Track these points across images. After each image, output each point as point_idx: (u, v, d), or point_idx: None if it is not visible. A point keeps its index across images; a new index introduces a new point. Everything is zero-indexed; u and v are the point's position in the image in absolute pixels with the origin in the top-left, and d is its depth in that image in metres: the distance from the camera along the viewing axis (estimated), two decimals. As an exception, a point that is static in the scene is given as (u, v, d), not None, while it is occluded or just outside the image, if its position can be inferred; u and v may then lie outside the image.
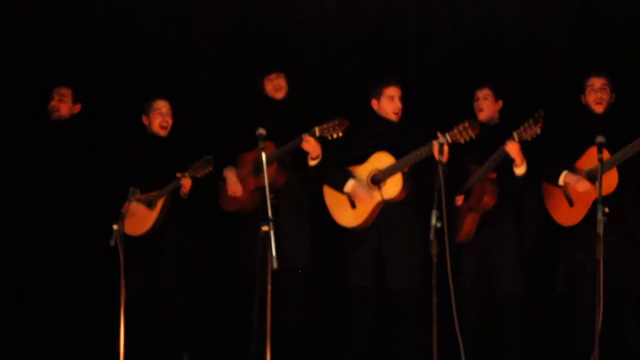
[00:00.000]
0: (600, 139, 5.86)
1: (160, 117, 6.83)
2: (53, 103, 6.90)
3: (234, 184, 6.69)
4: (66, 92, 6.93)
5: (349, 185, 6.50)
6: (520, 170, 6.28)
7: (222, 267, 7.04)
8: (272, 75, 6.79)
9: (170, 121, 6.84)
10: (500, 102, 6.63)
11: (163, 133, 6.84)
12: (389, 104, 6.57)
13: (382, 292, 6.51)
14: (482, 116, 6.57)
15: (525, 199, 6.61)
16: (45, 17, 7.32)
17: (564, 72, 6.97)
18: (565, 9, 7.05)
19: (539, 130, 6.06)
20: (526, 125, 6.08)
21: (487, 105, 6.59)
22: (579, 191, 6.22)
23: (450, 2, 7.19)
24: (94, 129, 6.97)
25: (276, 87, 6.78)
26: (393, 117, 6.58)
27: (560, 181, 6.31)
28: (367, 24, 7.27)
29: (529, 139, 6.11)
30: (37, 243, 6.80)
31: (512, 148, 6.17)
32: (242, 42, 7.35)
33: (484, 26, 7.14)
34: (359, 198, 6.47)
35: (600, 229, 5.63)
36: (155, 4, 7.40)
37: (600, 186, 5.76)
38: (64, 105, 6.92)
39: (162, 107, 6.83)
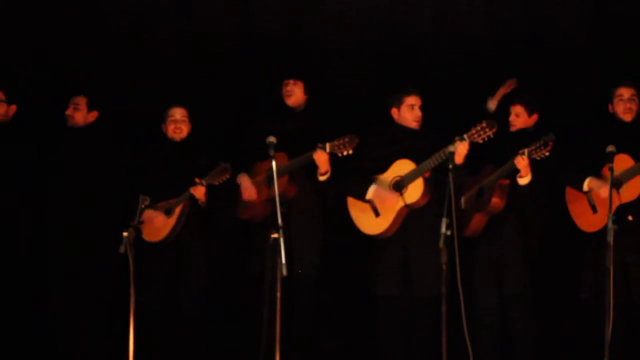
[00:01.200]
0: (610, 148, 5.90)
1: (172, 125, 6.88)
2: (68, 112, 6.98)
3: (248, 189, 6.70)
4: (80, 101, 7.00)
5: (371, 191, 6.49)
6: (523, 180, 6.29)
7: (238, 274, 7.05)
8: (290, 81, 6.81)
9: (184, 128, 6.88)
10: (535, 116, 6.64)
11: (177, 139, 6.88)
12: (409, 112, 6.59)
13: (407, 300, 6.49)
14: (513, 129, 6.61)
15: (530, 205, 6.57)
16: (62, 26, 7.42)
17: (588, 78, 6.96)
18: (584, 13, 7.05)
19: (547, 153, 6.08)
20: (537, 145, 6.10)
21: (518, 122, 6.61)
22: (601, 197, 6.18)
23: (464, 9, 7.20)
24: (110, 136, 7.03)
25: (288, 92, 6.80)
26: (414, 125, 6.60)
27: (585, 186, 6.30)
28: (382, 32, 7.30)
29: (538, 158, 6.13)
30: (52, 249, 6.86)
31: (521, 163, 6.18)
32: (262, 50, 7.38)
33: (500, 32, 7.18)
34: (383, 199, 6.44)
35: (610, 238, 5.63)
36: (174, 11, 7.47)
37: (611, 196, 5.78)
38: (78, 113, 7.00)
39: (175, 114, 6.88)
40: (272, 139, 5.98)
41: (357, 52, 7.33)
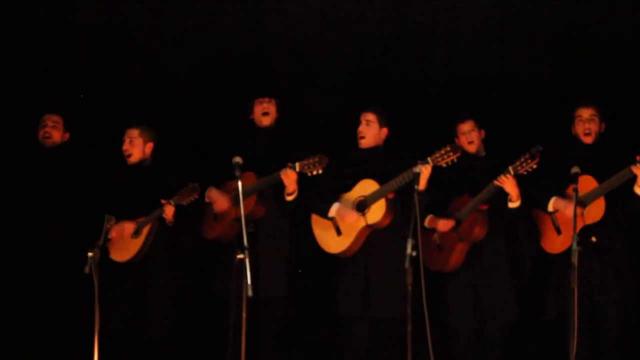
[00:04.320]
0: (575, 169, 5.90)
1: (124, 146, 6.85)
2: (47, 129, 6.94)
3: (219, 199, 6.67)
4: (58, 120, 6.98)
5: (334, 209, 6.49)
6: (514, 204, 6.28)
7: (204, 295, 7.01)
8: (265, 99, 6.80)
9: (132, 150, 6.82)
10: (482, 131, 6.64)
11: (129, 161, 6.84)
12: (361, 127, 6.60)
13: (369, 321, 6.49)
14: (473, 148, 6.58)
15: (520, 227, 6.61)
16: (27, 47, 7.43)
17: (552, 100, 6.97)
18: (549, 34, 7.08)
19: (535, 166, 6.06)
20: (522, 160, 6.08)
21: (475, 136, 6.59)
22: (568, 216, 6.15)
23: (432, 31, 7.23)
24: (81, 156, 7.01)
25: (265, 110, 6.78)
26: (359, 142, 6.59)
27: (550, 207, 6.27)
28: (351, 52, 7.34)
29: (525, 173, 6.12)
30: (23, 271, 6.84)
31: (508, 183, 6.17)
32: (230, 69, 7.40)
33: (467, 54, 7.18)
34: (345, 218, 6.45)
35: (574, 259, 5.64)
36: (140, 29, 7.47)
37: (575, 216, 5.79)
38: (56, 132, 6.99)
39: (126, 135, 6.84)
40: (238, 159, 5.98)
41: (327, 71, 7.37)
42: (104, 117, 7.34)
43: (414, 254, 5.63)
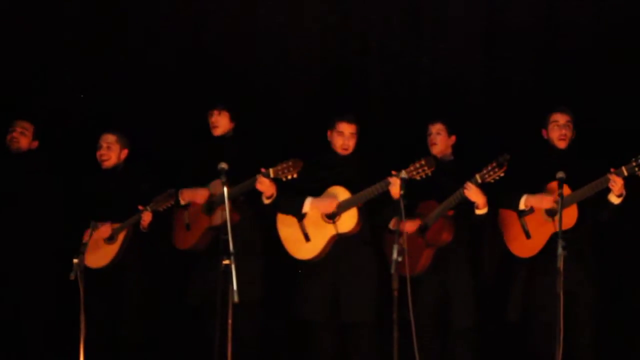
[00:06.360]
0: (560, 174, 5.93)
1: (100, 151, 6.83)
2: (15, 134, 6.91)
3: (197, 192, 6.62)
4: (28, 127, 6.96)
5: (307, 204, 6.50)
6: (481, 211, 6.30)
7: (178, 301, 6.98)
8: (214, 111, 6.80)
9: (110, 155, 6.83)
10: (453, 137, 6.67)
11: (104, 166, 6.84)
12: (338, 138, 6.60)
13: (337, 325, 6.52)
14: (436, 150, 6.60)
15: (485, 232, 6.65)
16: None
17: (523, 107, 7.00)
18: (525, 44, 7.10)
19: (502, 174, 6.08)
20: (490, 168, 6.10)
21: (440, 140, 6.61)
22: (545, 207, 6.20)
23: (410, 37, 7.26)
24: (51, 163, 6.97)
25: (213, 124, 6.79)
26: (340, 152, 6.61)
27: (522, 205, 6.30)
28: (328, 60, 7.35)
29: (492, 181, 6.14)
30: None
31: (473, 191, 6.19)
32: (201, 77, 7.40)
33: (443, 62, 7.20)
34: (323, 206, 6.44)
35: (560, 264, 5.65)
36: (114, 36, 7.46)
37: (560, 220, 5.78)
38: (24, 138, 6.95)
39: (102, 140, 6.83)
40: (223, 165, 5.97)
41: (297, 75, 7.38)
42: (74, 122, 7.34)
43: (400, 259, 5.64)
